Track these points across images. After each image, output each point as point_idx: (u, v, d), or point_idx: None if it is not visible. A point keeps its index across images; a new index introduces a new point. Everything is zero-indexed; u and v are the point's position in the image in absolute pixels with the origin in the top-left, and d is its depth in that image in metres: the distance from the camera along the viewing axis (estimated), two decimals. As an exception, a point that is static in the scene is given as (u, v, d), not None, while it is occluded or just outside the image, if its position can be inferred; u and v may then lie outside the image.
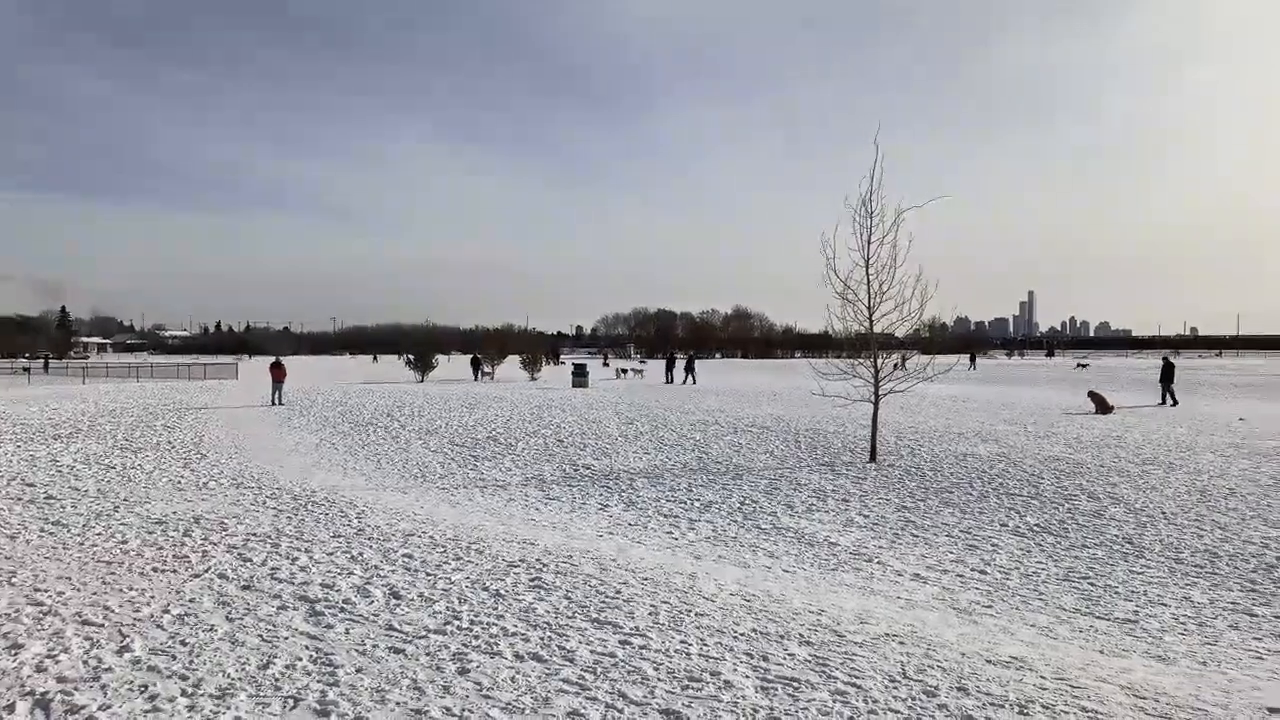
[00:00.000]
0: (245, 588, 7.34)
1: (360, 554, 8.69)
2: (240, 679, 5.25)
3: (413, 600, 7.01)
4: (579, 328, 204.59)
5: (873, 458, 16.61)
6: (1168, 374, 32.62)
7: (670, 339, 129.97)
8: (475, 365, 49.58)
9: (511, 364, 56.24)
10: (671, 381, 43.69)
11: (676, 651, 5.86)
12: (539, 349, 55.94)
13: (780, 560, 10.28)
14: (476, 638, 6.07)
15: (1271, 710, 5.30)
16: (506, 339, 59.86)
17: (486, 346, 54.99)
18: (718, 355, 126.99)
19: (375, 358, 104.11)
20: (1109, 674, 5.92)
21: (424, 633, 6.18)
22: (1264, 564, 9.96)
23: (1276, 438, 19.46)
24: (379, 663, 5.55)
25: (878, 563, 10.24)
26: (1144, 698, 5.34)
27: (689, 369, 44.69)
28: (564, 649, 5.86)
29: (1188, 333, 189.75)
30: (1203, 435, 19.84)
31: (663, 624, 6.50)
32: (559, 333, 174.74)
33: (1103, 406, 26.95)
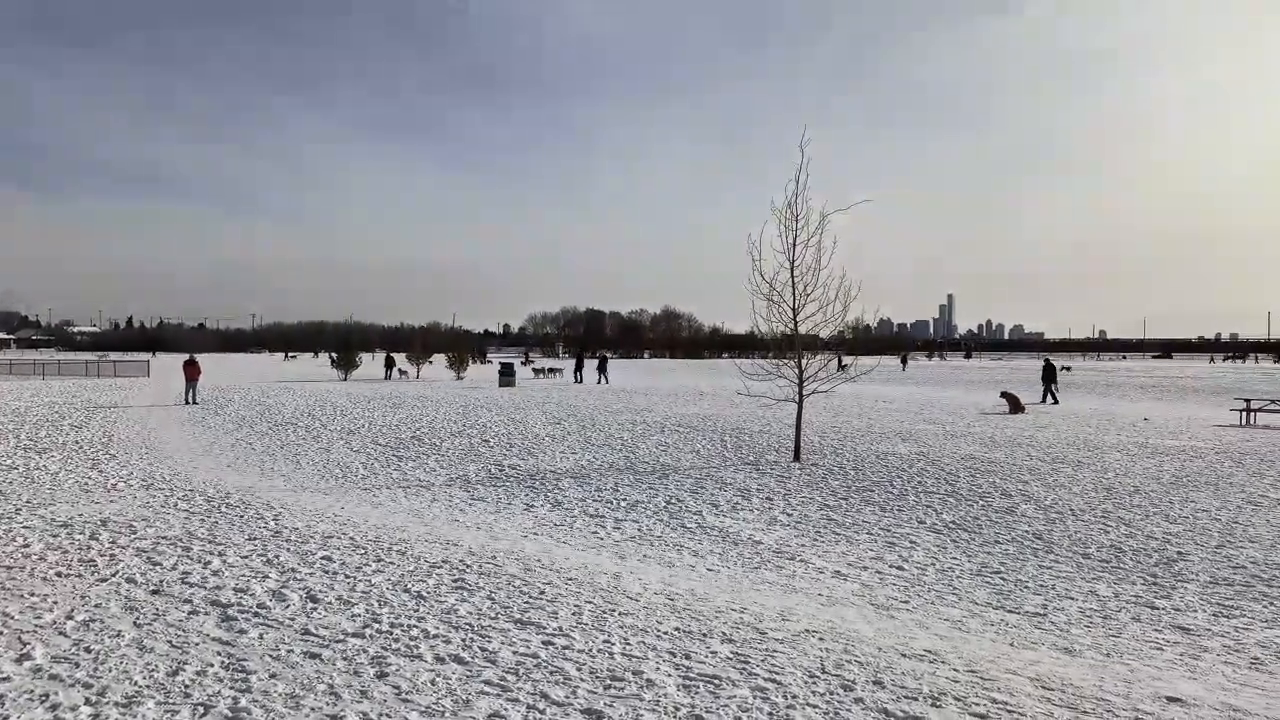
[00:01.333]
0: (154, 592, 7.09)
1: (276, 557, 8.48)
2: (148, 687, 5.07)
3: (330, 604, 6.87)
4: (507, 326, 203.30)
5: (797, 457, 16.86)
6: (1049, 374, 35.00)
7: (594, 340, 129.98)
8: (389, 365, 48.61)
9: (438, 363, 55.53)
10: (580, 381, 43.59)
11: (600, 651, 5.86)
12: (465, 348, 55.35)
13: (705, 559, 10.36)
14: (396, 641, 5.97)
15: (1170, 699, 5.53)
16: (431, 337, 59.08)
17: (411, 345, 54.20)
18: (646, 355, 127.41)
19: (288, 355, 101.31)
20: (1018, 666, 6.11)
21: (342, 636, 6.05)
22: (1165, 558, 10.39)
23: (1177, 437, 20.36)
24: (294, 668, 5.42)
25: (800, 560, 10.40)
26: (1051, 689, 5.53)
27: (601, 369, 44.86)
28: (486, 650, 5.81)
29: (1096, 336, 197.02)
30: (1109, 434, 20.64)
31: (586, 624, 6.49)
32: (486, 331, 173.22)
33: (1015, 406, 27.88)
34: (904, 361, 74.75)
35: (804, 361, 17.44)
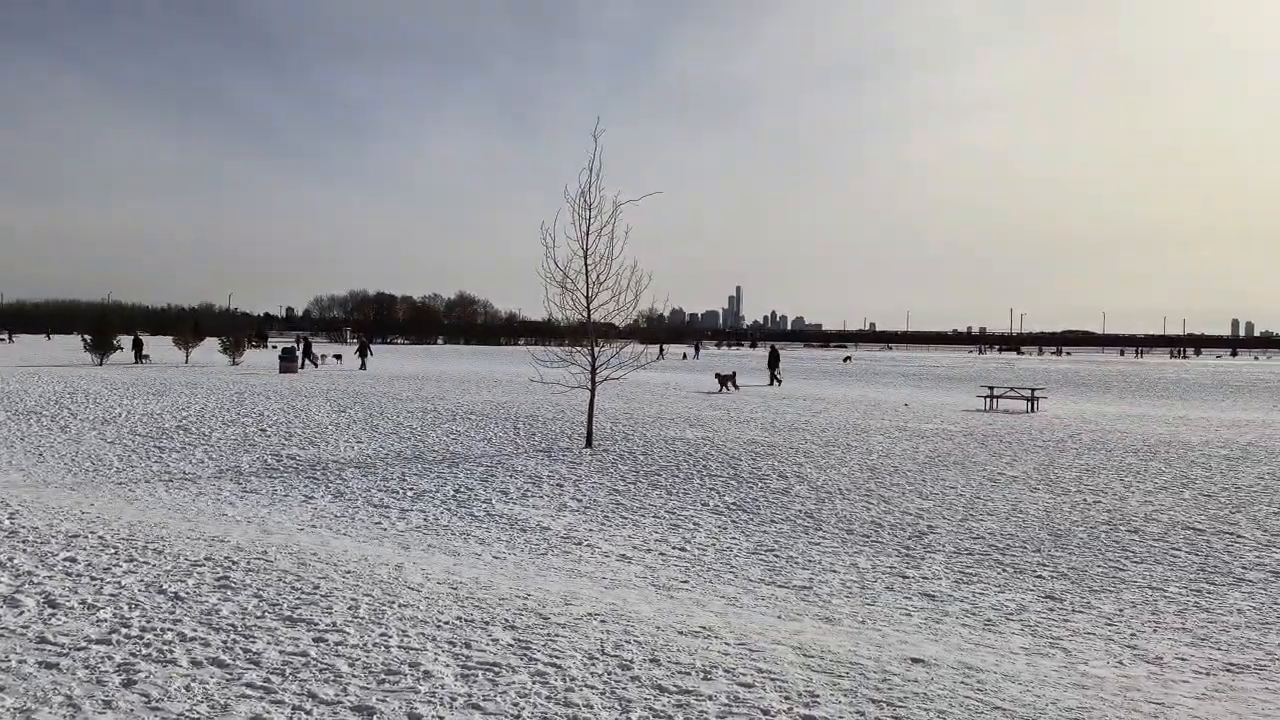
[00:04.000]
0: None
1: (10, 559, 7.61)
2: None
3: (73, 609, 6.24)
4: (290, 310, 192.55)
5: (589, 443, 17.06)
6: (774, 360, 39.67)
7: (385, 325, 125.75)
8: (137, 347, 44.82)
9: (210, 347, 51.79)
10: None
11: (375, 645, 5.68)
12: (242, 331, 51.95)
13: (491, 547, 10.28)
14: (148, 645, 5.51)
15: (914, 660, 6.04)
16: (202, 319, 55.02)
17: (179, 327, 50.21)
18: (439, 341, 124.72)
19: (10, 337, 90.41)
20: (783, 636, 6.48)
21: (84, 644, 5.52)
22: (917, 532, 11.34)
23: (932, 421, 22.29)
24: (26, 680, 4.88)
25: (587, 545, 10.54)
26: (811, 655, 5.90)
27: (362, 353, 43.86)
28: (250, 652, 5.48)
29: (867, 327, 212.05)
30: (875, 419, 22.28)
31: (363, 618, 6.27)
32: (266, 314, 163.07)
33: (723, 384, 32.40)
34: (697, 350, 77.70)
35: (596, 349, 17.66)
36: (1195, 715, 5.37)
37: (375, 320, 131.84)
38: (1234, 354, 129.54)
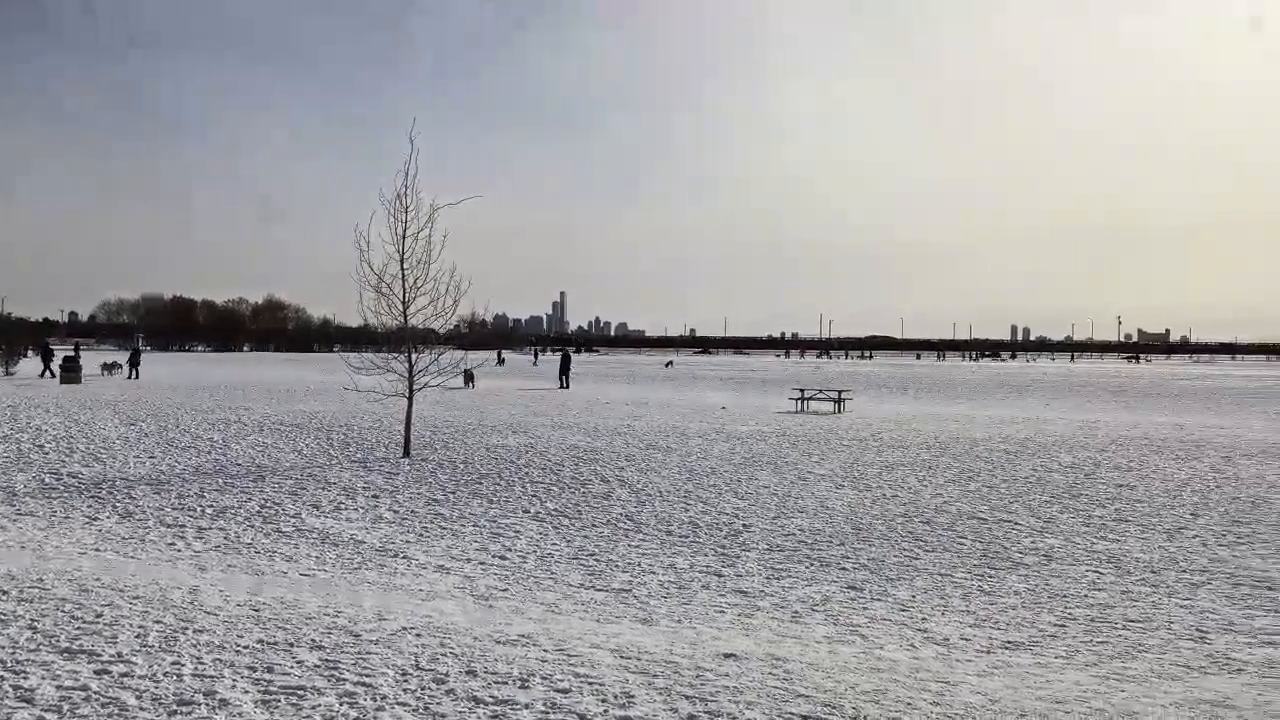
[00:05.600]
0: None
1: None
2: None
3: None
4: (74, 314, 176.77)
5: (406, 453, 16.60)
6: (564, 364, 41.72)
7: (185, 331, 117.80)
8: None
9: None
10: (45, 377, 38.04)
11: (166, 675, 5.28)
12: (16, 338, 47.25)
13: (299, 564, 9.81)
14: (-109, 692, 4.90)
15: (726, 655, 6.24)
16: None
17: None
18: (246, 348, 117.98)
19: None
20: (601, 640, 6.54)
21: None
22: (733, 531, 11.74)
23: (748, 423, 23.13)
24: None
25: (403, 557, 10.25)
26: (628, 657, 5.98)
27: (133, 362, 41.45)
28: (21, 689, 4.97)
29: (688, 333, 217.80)
30: (694, 423, 22.87)
31: (152, 646, 5.82)
32: (46, 320, 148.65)
33: (467, 380, 33.61)
34: (500, 358, 77.05)
35: (414, 356, 17.23)
36: (977, 691, 5.82)
37: (172, 326, 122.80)
38: (1013, 357, 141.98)
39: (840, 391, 30.40)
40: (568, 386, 39.54)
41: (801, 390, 31.49)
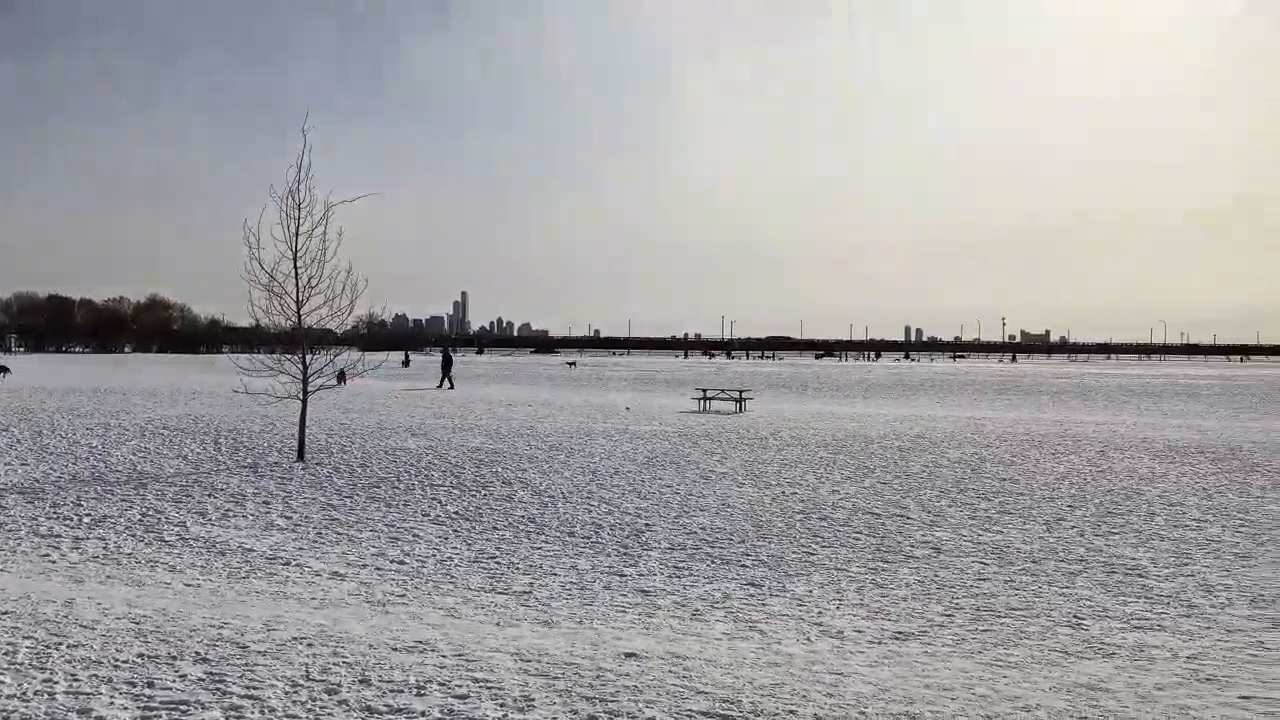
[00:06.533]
0: None
1: None
2: None
3: None
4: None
5: (300, 457, 16.11)
6: (446, 363, 41.35)
7: (62, 332, 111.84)
8: None
9: None
10: None
11: (37, 694, 4.99)
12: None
13: (184, 574, 9.40)
14: None
15: (627, 654, 6.26)
16: None
17: None
18: (127, 349, 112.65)
19: None
20: (501, 644, 6.47)
21: None
22: (635, 531, 11.78)
23: (652, 423, 23.26)
24: None
25: (296, 565, 9.94)
26: (529, 660, 5.94)
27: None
28: None
29: (592, 334, 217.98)
30: (598, 423, 22.88)
31: (22, 664, 5.49)
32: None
33: (340, 379, 32.49)
34: (406, 360, 75.39)
35: (309, 357, 16.74)
36: (868, 681, 5.99)
37: (46, 326, 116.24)
38: (907, 356, 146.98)
39: (741, 391, 30.86)
40: (452, 386, 39.17)
41: (704, 390, 31.85)
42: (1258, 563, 10.44)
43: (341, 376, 32.70)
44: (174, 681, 5.27)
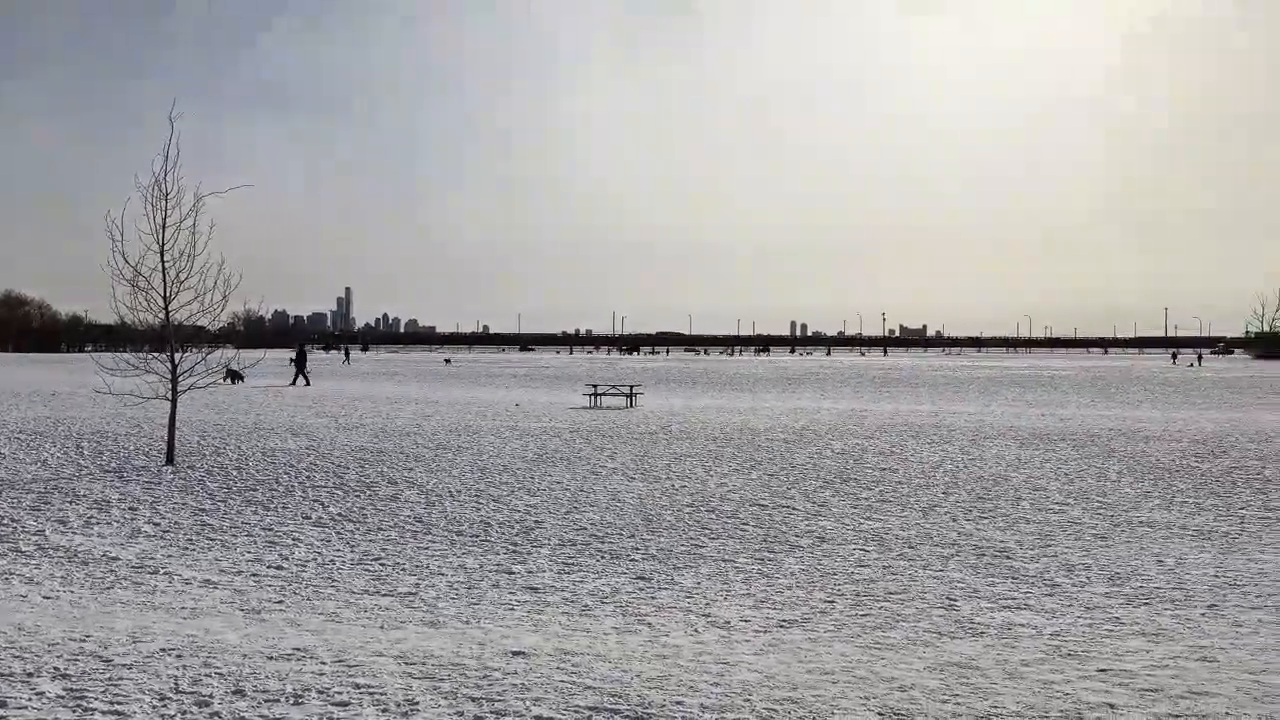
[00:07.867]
0: None
1: None
2: None
3: None
4: None
5: (170, 460, 15.33)
6: (300, 359, 41.48)
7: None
8: None
9: None
10: None
11: None
12: None
13: (41, 586, 8.83)
14: None
15: (515, 653, 6.20)
16: None
17: None
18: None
19: None
20: (384, 647, 6.32)
21: None
22: (525, 528, 11.68)
23: (542, 419, 23.13)
24: None
25: (164, 573, 9.46)
26: (413, 663, 5.81)
27: None
28: None
29: (480, 329, 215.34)
30: (486, 420, 22.61)
31: None
32: None
33: (233, 378, 33.26)
34: (346, 354, 73.35)
35: (178, 355, 15.96)
36: (753, 669, 6.10)
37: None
38: (793, 351, 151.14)
39: (632, 387, 31.02)
40: (308, 384, 38.69)
41: (595, 386, 31.87)
42: (1114, 543, 11.13)
43: (234, 375, 31.55)
44: (30, 699, 4.94)
